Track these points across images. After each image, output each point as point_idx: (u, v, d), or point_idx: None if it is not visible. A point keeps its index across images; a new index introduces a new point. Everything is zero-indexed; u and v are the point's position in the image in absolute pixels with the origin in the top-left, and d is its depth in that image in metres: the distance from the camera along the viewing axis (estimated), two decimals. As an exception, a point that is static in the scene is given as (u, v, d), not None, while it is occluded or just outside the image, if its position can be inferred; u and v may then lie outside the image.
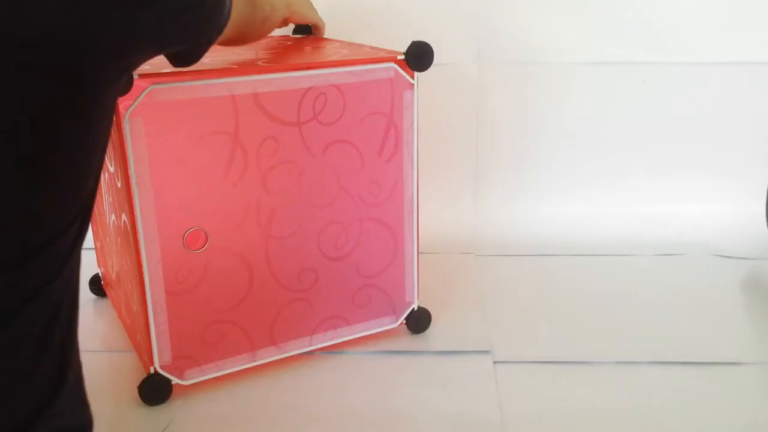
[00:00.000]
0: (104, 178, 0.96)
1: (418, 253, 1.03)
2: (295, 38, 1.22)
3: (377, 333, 1.04)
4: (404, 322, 1.05)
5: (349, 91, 0.91)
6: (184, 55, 0.71)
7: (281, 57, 1.01)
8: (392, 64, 0.92)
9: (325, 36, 1.21)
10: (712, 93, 1.36)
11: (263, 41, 1.18)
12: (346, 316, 1.02)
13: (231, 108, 0.85)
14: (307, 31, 1.24)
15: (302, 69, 0.89)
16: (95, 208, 1.10)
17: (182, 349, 0.99)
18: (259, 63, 0.92)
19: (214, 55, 0.98)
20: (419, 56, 0.93)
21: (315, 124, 0.91)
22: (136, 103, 0.79)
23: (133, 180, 0.81)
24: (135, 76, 0.78)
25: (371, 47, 1.05)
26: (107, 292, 1.17)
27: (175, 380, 0.91)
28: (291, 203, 0.93)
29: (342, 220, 0.97)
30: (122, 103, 0.79)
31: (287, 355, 0.98)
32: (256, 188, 0.90)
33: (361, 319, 1.03)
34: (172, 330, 0.96)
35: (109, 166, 0.90)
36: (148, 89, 0.79)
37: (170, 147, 0.84)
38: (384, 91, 0.93)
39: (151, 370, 0.90)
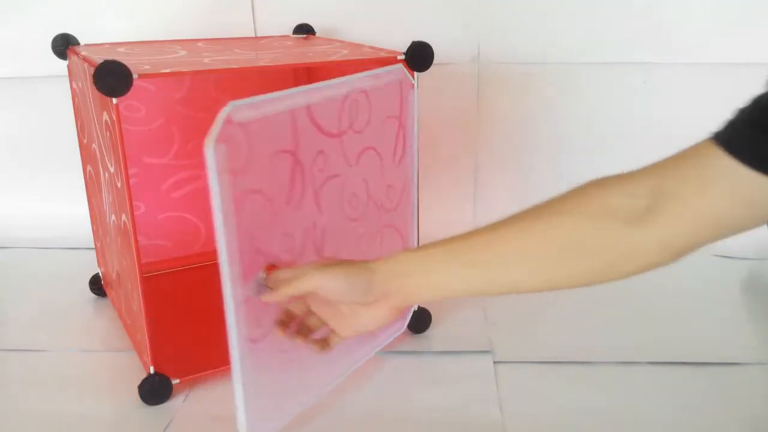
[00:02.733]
0: (104, 178, 0.96)
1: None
2: (295, 38, 1.23)
3: (377, 333, 1.04)
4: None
5: (373, 95, 0.89)
6: None
7: (282, 57, 1.01)
8: (400, 66, 0.92)
9: (326, 36, 1.21)
10: (713, 94, 1.36)
11: (263, 41, 1.18)
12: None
13: (290, 123, 0.76)
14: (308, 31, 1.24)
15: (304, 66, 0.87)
16: (95, 208, 1.10)
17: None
18: (261, 63, 0.92)
19: (214, 55, 0.98)
20: (419, 56, 0.93)
21: (351, 133, 0.86)
22: (218, 128, 0.68)
23: (218, 219, 0.68)
24: (135, 76, 0.79)
25: (371, 47, 1.05)
26: (107, 292, 1.17)
27: (175, 380, 0.91)
28: (336, 220, 0.87)
29: (370, 230, 0.93)
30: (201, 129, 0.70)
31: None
32: (311, 208, 0.82)
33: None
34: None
35: (109, 166, 0.90)
36: (229, 107, 0.68)
37: (248, 174, 0.72)
38: (396, 93, 0.93)
39: (151, 370, 0.90)
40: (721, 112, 1.42)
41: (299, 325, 0.74)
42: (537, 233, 0.60)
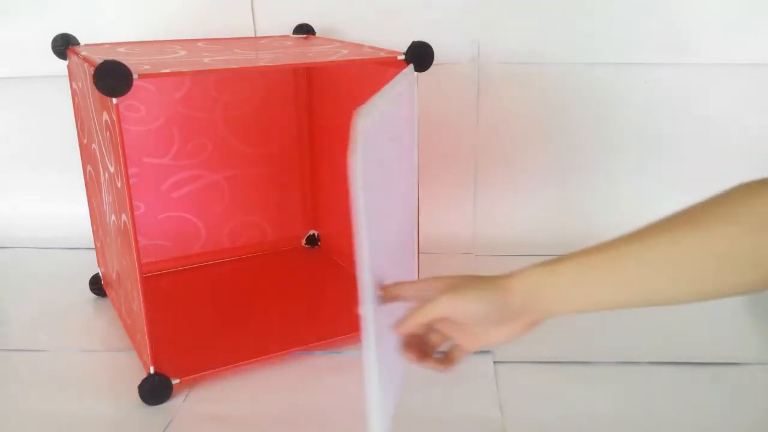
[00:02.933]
0: (104, 178, 0.96)
1: (418, 253, 1.02)
2: (295, 38, 1.23)
3: (377, 333, 1.04)
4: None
5: (404, 95, 0.88)
6: None
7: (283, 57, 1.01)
8: (411, 68, 0.92)
9: (325, 36, 1.21)
10: (713, 95, 1.36)
11: (263, 41, 1.19)
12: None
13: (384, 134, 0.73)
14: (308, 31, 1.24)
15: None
16: (95, 208, 1.10)
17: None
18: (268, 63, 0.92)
19: (214, 55, 0.98)
20: (419, 56, 0.93)
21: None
22: (360, 140, 0.62)
23: (364, 240, 0.63)
24: (135, 76, 0.79)
25: (371, 47, 1.05)
26: (107, 292, 1.17)
27: (175, 380, 0.91)
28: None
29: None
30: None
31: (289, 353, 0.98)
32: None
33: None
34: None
35: (109, 166, 0.90)
36: (363, 118, 0.62)
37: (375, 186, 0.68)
38: (409, 93, 0.93)
39: (151, 370, 0.90)
40: (720, 114, 1.43)
41: (420, 343, 0.70)
42: (692, 244, 0.57)
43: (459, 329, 0.68)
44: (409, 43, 0.93)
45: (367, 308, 0.64)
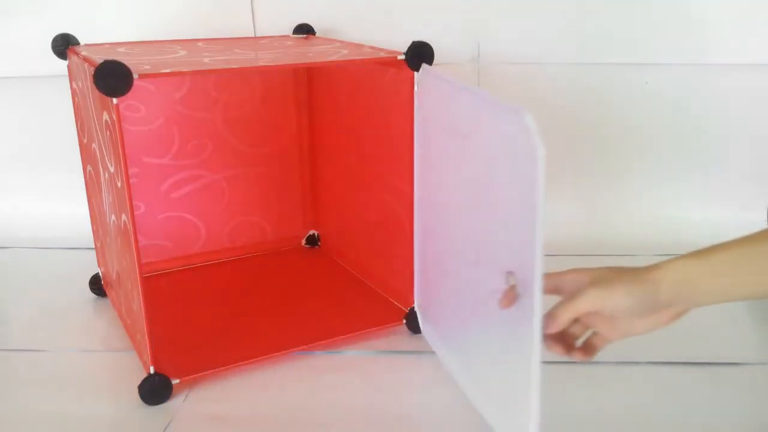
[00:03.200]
0: (104, 177, 0.96)
1: (418, 253, 1.03)
2: (295, 38, 1.23)
3: (377, 333, 1.04)
4: (404, 322, 1.05)
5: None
6: None
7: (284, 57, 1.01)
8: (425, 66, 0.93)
9: (326, 36, 1.21)
10: (714, 95, 1.36)
11: (263, 41, 1.18)
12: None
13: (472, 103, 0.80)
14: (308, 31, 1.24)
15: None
16: (95, 208, 1.10)
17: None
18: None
19: (214, 55, 0.98)
20: (419, 56, 0.93)
21: None
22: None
23: (539, 239, 0.64)
24: (135, 76, 0.79)
25: (371, 47, 1.05)
26: (107, 292, 1.17)
27: (175, 380, 0.91)
28: None
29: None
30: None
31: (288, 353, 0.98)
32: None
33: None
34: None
35: (109, 166, 0.90)
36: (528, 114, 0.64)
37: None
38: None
39: (151, 370, 0.90)
40: (721, 115, 1.42)
41: (563, 335, 0.71)
42: None
43: (603, 320, 0.69)
44: (409, 43, 0.93)
45: (535, 308, 0.64)
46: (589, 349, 0.72)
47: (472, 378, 0.86)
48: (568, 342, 0.72)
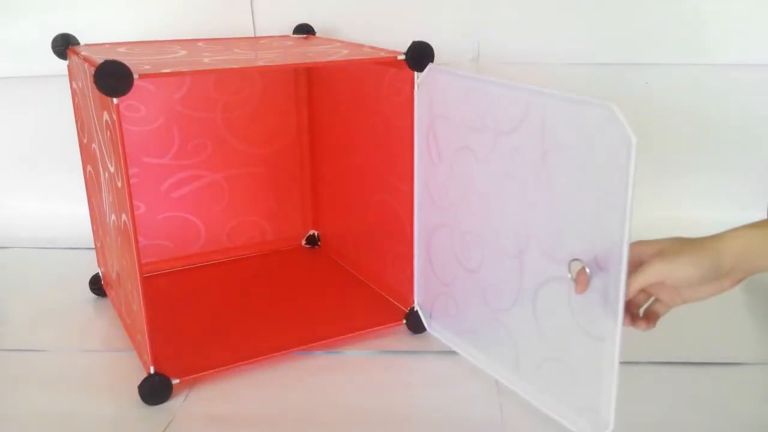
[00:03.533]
0: (104, 177, 0.96)
1: (418, 253, 1.03)
2: (295, 38, 1.23)
3: (377, 333, 1.04)
4: (404, 322, 1.05)
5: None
6: None
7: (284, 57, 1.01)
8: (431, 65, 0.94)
9: (326, 36, 1.21)
10: (714, 96, 1.36)
11: (263, 41, 1.19)
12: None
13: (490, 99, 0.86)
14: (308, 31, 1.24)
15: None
16: (95, 208, 1.10)
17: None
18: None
19: (214, 55, 0.98)
20: (419, 56, 0.93)
21: None
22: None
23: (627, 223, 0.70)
24: (135, 76, 0.79)
25: (371, 47, 1.05)
26: (107, 292, 1.17)
27: (175, 380, 0.91)
28: None
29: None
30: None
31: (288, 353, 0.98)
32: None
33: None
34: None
35: (109, 165, 0.90)
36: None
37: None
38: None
39: (151, 370, 0.90)
40: (721, 115, 1.42)
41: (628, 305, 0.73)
42: None
43: (666, 289, 0.73)
44: (409, 43, 0.93)
45: (620, 293, 0.68)
46: (651, 316, 0.75)
47: (522, 369, 0.87)
48: (632, 311, 0.75)
